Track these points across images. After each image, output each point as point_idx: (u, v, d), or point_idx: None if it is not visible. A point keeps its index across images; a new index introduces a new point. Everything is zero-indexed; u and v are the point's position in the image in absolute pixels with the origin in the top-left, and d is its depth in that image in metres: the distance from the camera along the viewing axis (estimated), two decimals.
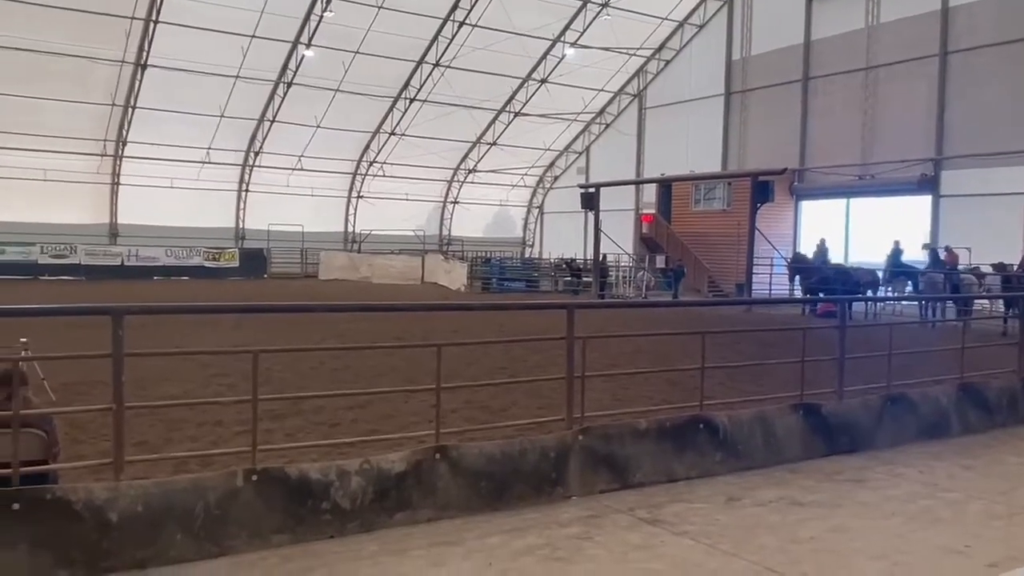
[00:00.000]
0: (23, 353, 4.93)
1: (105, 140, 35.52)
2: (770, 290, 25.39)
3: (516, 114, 40.53)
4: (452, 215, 45.71)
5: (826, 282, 22.56)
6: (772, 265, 25.74)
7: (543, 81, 38.79)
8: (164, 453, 6.11)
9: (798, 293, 23.49)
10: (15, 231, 34.45)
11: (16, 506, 3.94)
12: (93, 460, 5.38)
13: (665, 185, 33.77)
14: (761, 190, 26.04)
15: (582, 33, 36.21)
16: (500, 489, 5.26)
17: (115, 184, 36.94)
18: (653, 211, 33.91)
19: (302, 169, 39.22)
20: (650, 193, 36.08)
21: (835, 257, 26.94)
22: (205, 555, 4.23)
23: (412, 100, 38.19)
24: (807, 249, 27.37)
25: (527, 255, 44.75)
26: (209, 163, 37.40)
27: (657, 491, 5.66)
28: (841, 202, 30.84)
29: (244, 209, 40.37)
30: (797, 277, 24.03)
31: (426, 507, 4.96)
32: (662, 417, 6.29)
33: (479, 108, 39.30)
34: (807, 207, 32.14)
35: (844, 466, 6.50)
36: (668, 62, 38.68)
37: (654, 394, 9.30)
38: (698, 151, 35.24)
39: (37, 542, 3.96)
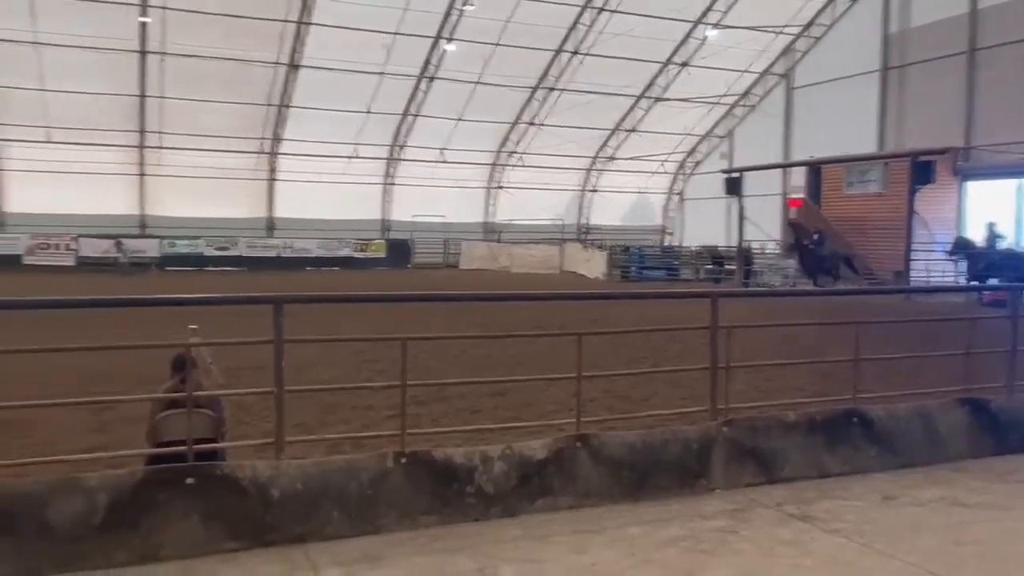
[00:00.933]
0: (193, 339, 5.29)
1: (262, 139, 37.65)
2: (929, 277, 23.85)
3: (656, 99, 39.87)
4: (590, 204, 45.57)
5: (994, 268, 20.93)
6: (932, 251, 24.17)
7: (684, 64, 37.94)
8: (320, 435, 6.44)
9: (962, 280, 21.95)
10: (184, 226, 37.12)
11: (190, 481, 4.26)
12: (257, 440, 5.73)
13: (814, 168, 32.30)
14: (921, 171, 24.44)
15: (725, 13, 35.15)
16: (641, 479, 5.21)
17: (271, 180, 39.10)
18: (802, 196, 32.51)
19: (444, 161, 40.17)
20: (798, 177, 34.61)
21: (1006, 242, 24.96)
22: (359, 532, 4.42)
23: (551, 90, 38.31)
24: (973, 233, 25.48)
25: (667, 243, 44.00)
26: (356, 158, 38.91)
27: (807, 486, 5.45)
28: (1012, 182, 28.49)
29: (389, 201, 41.81)
30: (962, 263, 22.46)
31: (567, 494, 4.99)
32: (812, 410, 6.04)
33: (618, 95, 38.92)
34: (973, 188, 29.87)
35: (1017, 466, 6.03)
36: (818, 39, 36.92)
37: (803, 386, 8.95)
38: (851, 131, 33.46)
39: (208, 515, 4.26)
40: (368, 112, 36.98)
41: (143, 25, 31.32)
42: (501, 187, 43.39)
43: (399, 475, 4.65)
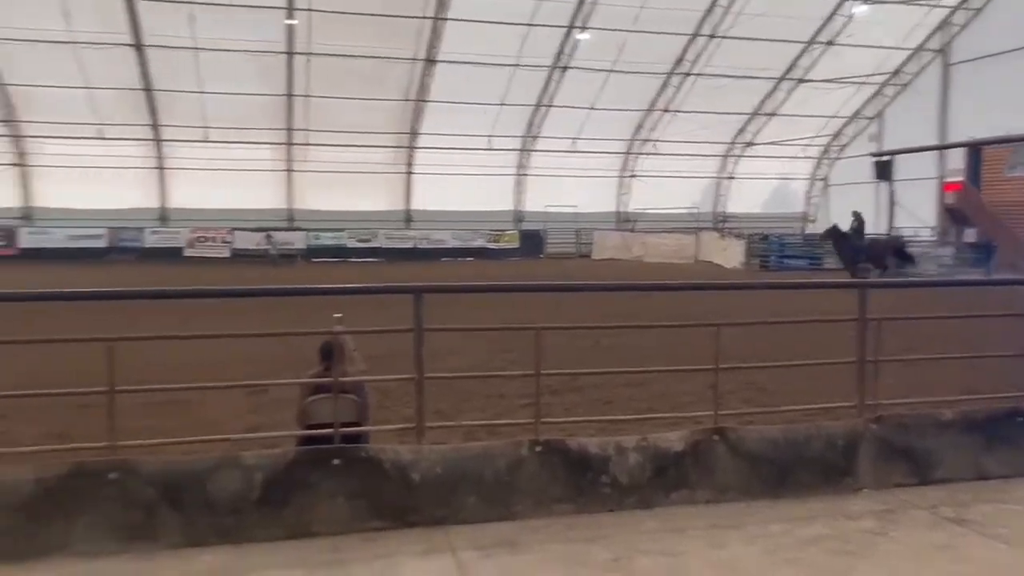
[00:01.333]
0: (337, 327, 5.54)
1: (400, 133, 38.80)
2: None
3: (799, 81, 38.29)
4: (727, 191, 44.36)
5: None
6: None
7: (829, 43, 36.22)
8: (457, 421, 6.60)
9: None
10: (328, 219, 38.81)
11: (337, 462, 4.47)
12: (398, 425, 5.94)
13: (974, 150, 30.13)
14: None
15: None
16: (782, 475, 5.06)
17: (408, 173, 40.25)
18: (961, 179, 30.38)
19: (576, 151, 40.10)
20: (955, 159, 32.40)
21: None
22: (495, 517, 4.52)
23: (686, 75, 37.49)
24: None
25: (809, 231, 42.27)
26: (491, 150, 39.45)
27: (963, 488, 5.13)
28: None
29: (522, 192, 42.17)
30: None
31: (704, 488, 4.91)
32: (970, 408, 5.67)
33: (757, 78, 37.63)
34: None
35: None
36: (979, 10, 34.38)
37: (958, 382, 8.41)
38: (1016, 109, 31.01)
39: (354, 494, 4.46)
40: (502, 104, 37.41)
41: (290, 27, 32.87)
42: (634, 176, 42.91)
43: (534, 463, 4.71)
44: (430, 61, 35.14)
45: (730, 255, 32.89)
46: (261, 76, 34.54)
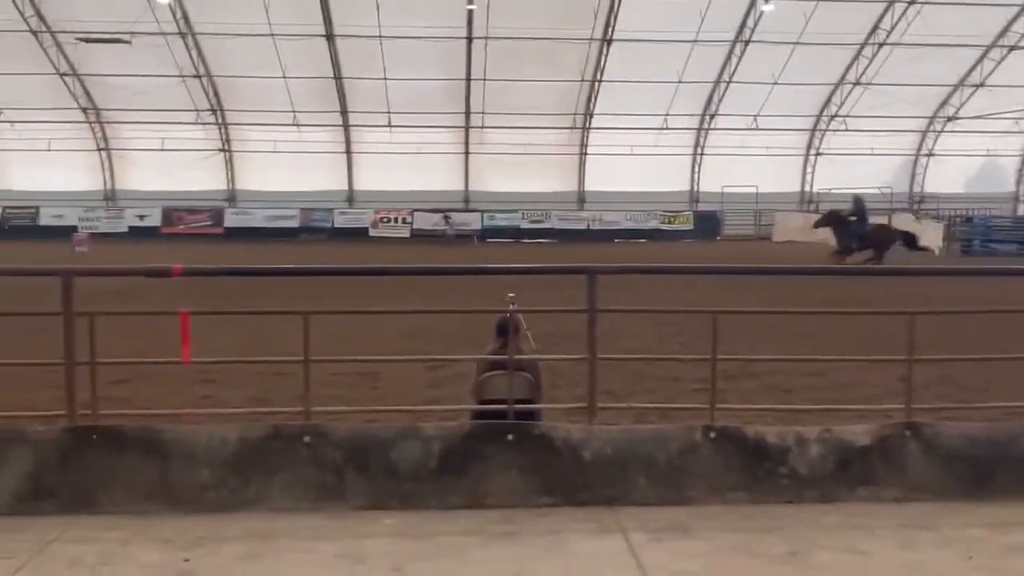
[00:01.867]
0: (511, 306, 5.65)
1: (574, 114, 38.83)
2: None
3: (1011, 48, 34.84)
4: (925, 169, 41.21)
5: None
6: None
7: None
8: (628, 403, 6.57)
9: None
10: (503, 200, 39.60)
11: (510, 437, 4.58)
12: (569, 404, 6.00)
13: None
14: None
15: None
16: (982, 477, 4.66)
17: (582, 154, 40.25)
18: None
19: (757, 128, 38.59)
20: None
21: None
22: (666, 501, 4.47)
23: (881, 45, 35.06)
24: None
25: (1022, 212, 38.52)
26: (666, 129, 38.72)
27: None
28: None
29: (698, 172, 41.12)
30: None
31: (893, 486, 4.62)
32: None
33: (963, 46, 34.58)
34: None
35: None
36: None
37: None
38: None
39: (526, 469, 4.55)
40: (679, 82, 36.59)
41: (469, 12, 33.65)
42: (820, 154, 40.75)
43: (708, 449, 4.61)
44: (606, 40, 34.89)
45: (928, 238, 30.57)
46: (441, 61, 35.61)
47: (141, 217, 39.00)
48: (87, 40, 33.53)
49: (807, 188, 41.42)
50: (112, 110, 37.98)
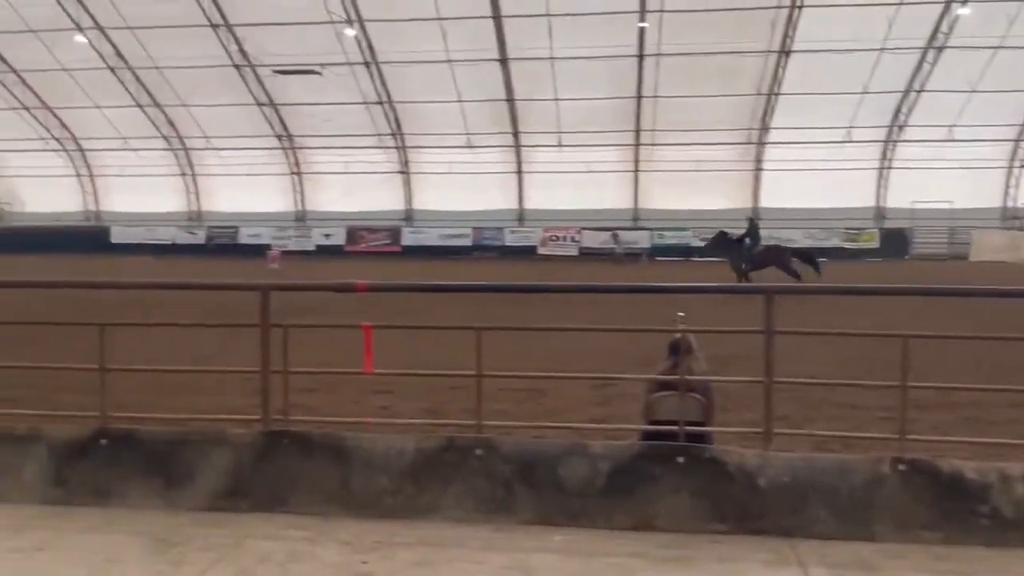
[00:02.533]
0: (680, 326, 5.54)
1: (749, 129, 37.71)
2: None
3: None
4: None
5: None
6: None
7: None
8: (806, 429, 6.27)
9: None
10: (673, 217, 39.00)
11: (681, 459, 4.47)
12: (742, 428, 5.79)
13: None
14: None
15: None
16: None
17: (757, 170, 38.98)
18: None
19: (952, 140, 35.89)
20: None
21: None
22: (849, 536, 4.21)
23: None
24: None
25: None
26: (849, 142, 36.81)
27: None
28: None
29: (885, 187, 38.74)
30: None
31: None
32: None
33: None
34: None
35: None
36: None
37: None
38: None
39: (697, 494, 4.42)
40: (864, 92, 34.71)
41: (641, 30, 33.55)
42: None
43: (896, 482, 4.30)
44: (784, 52, 33.71)
45: None
46: (611, 80, 35.68)
47: (327, 236, 41.58)
48: (283, 72, 36.25)
49: (1010, 203, 37.98)
50: (303, 136, 40.80)
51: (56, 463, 4.86)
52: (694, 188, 38.45)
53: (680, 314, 5.64)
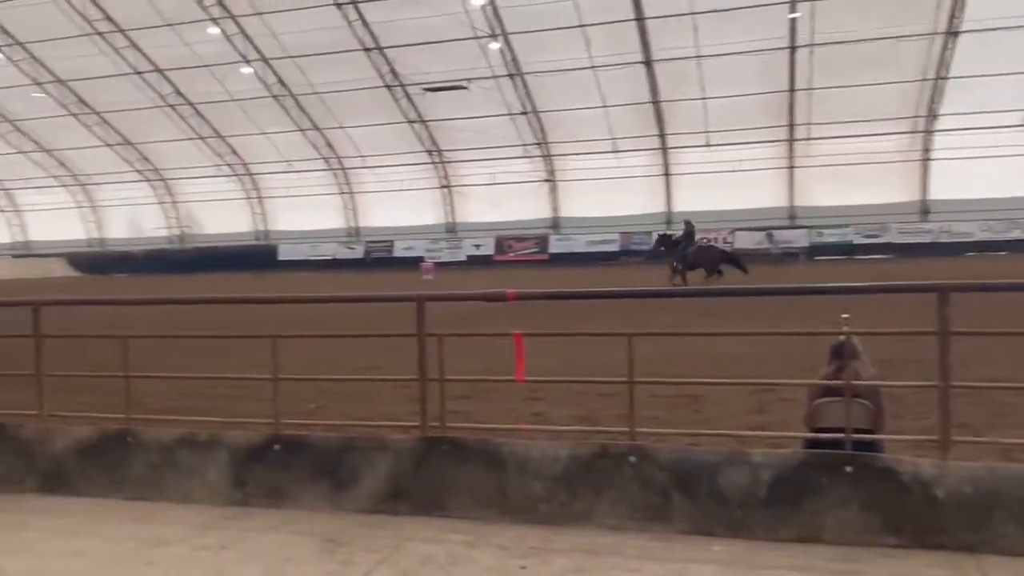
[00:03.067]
0: (845, 328, 5.26)
1: (915, 117, 35.47)
2: None
3: None
4: None
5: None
6: None
7: None
8: (990, 437, 5.80)
9: None
10: (832, 214, 37.21)
11: (849, 469, 4.24)
12: (915, 435, 5.43)
13: None
14: None
15: None
16: None
17: (925, 160, 36.58)
18: None
19: None
20: None
21: None
22: None
23: None
24: None
25: None
26: None
27: None
28: None
29: None
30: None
31: None
32: None
33: None
34: None
35: None
36: None
37: None
38: None
39: (867, 505, 4.18)
40: None
41: (792, 21, 32.29)
42: None
43: None
44: (951, 33, 31.48)
45: None
46: (761, 75, 34.56)
47: (477, 246, 42.52)
48: (432, 90, 37.44)
49: None
50: (451, 150, 41.94)
51: (235, 467, 5.21)
52: (855, 182, 36.54)
53: (844, 316, 5.37)
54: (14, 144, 44.71)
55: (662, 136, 38.73)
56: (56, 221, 49.22)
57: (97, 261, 47.09)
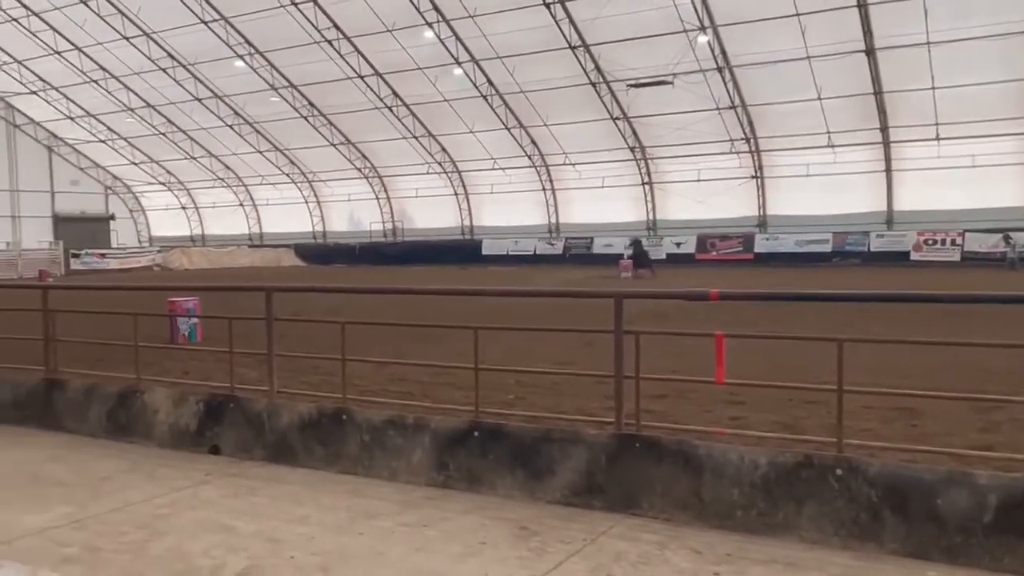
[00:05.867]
0: None
1: None
2: None
3: None
4: None
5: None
6: None
7: None
8: None
9: None
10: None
11: None
12: None
13: None
14: None
15: None
16: None
17: None
18: None
19: None
20: None
21: None
22: None
23: None
24: None
25: None
26: None
27: None
28: None
29: None
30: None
31: None
32: None
33: None
34: None
35: None
36: None
37: None
38: None
39: None
40: None
41: None
42: None
43: None
44: None
45: None
46: (1002, 61, 31.33)
47: (678, 244, 41.77)
48: (636, 86, 37.19)
49: None
50: (655, 147, 41.45)
51: (438, 450, 5.48)
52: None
53: None
54: (254, 144, 49.27)
55: (884, 130, 36.09)
56: (286, 214, 53.83)
57: (319, 252, 50.89)
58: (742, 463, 4.58)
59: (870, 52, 32.84)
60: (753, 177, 40.39)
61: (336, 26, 38.46)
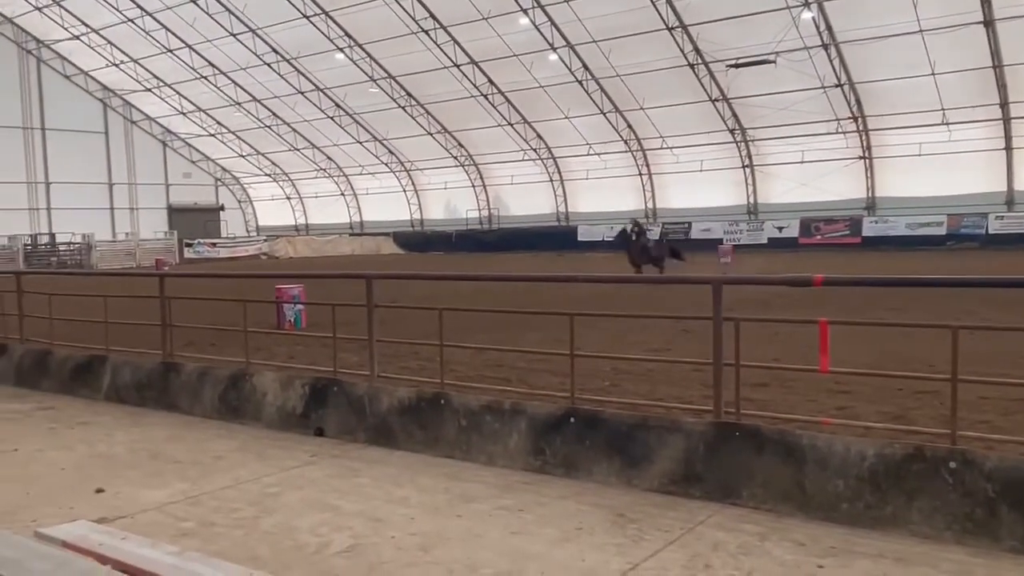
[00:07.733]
0: None
1: None
2: None
3: None
4: None
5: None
6: None
7: None
8: None
9: None
10: None
11: None
12: None
13: None
14: None
15: None
16: None
17: None
18: None
19: None
20: None
21: None
22: None
23: None
24: None
25: None
26: None
27: None
28: None
29: None
30: None
31: None
32: None
33: None
34: None
35: None
36: None
37: None
38: None
39: None
40: None
41: None
42: None
43: None
44: None
45: None
46: None
47: (780, 228, 40.56)
48: (736, 66, 36.20)
49: None
50: (756, 128, 40.30)
51: (534, 436, 5.51)
52: None
53: None
54: (354, 135, 50.42)
55: (1003, 105, 34.00)
56: (385, 203, 54.93)
57: (417, 239, 51.74)
58: (848, 454, 4.43)
59: (988, 23, 30.98)
60: (861, 158, 38.80)
61: (432, 16, 38.88)
